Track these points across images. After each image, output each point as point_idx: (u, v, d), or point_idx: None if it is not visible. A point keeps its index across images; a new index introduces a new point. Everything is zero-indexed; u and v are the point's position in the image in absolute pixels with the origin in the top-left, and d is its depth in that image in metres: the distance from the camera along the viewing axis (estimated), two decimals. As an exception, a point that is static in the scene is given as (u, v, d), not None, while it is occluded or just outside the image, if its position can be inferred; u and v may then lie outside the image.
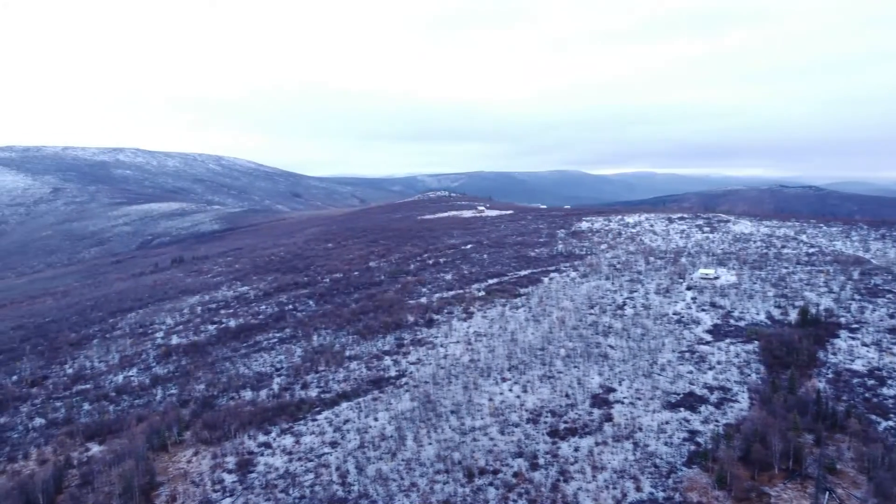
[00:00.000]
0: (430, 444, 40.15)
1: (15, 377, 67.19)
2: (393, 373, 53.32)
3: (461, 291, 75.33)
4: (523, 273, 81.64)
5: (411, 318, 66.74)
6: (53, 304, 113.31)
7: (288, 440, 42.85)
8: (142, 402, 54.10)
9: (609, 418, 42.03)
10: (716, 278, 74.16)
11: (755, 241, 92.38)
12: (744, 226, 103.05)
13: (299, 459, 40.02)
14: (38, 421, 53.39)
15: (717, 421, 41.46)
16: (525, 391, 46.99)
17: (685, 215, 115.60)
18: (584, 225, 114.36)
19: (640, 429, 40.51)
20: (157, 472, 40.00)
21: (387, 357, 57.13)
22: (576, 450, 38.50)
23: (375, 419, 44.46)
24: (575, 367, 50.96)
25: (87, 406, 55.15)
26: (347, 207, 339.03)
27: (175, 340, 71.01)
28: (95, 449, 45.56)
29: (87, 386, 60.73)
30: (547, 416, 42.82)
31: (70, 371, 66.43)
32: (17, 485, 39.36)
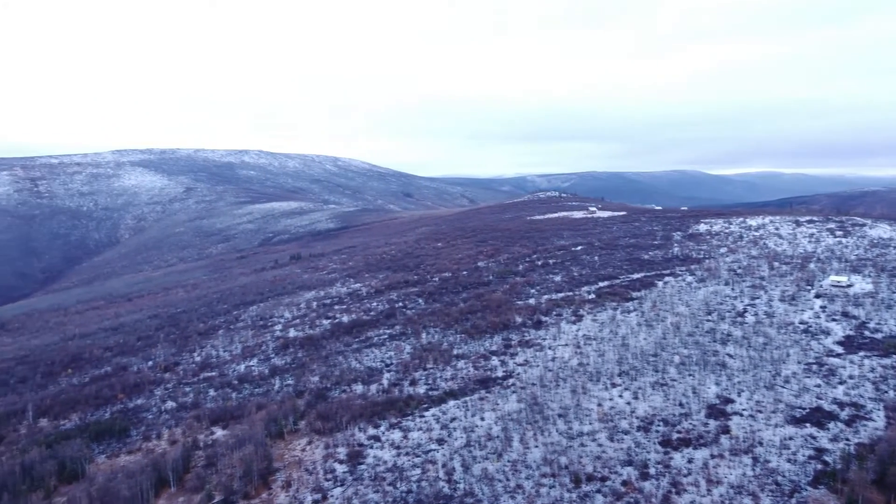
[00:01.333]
0: (537, 446, 39.75)
1: (150, 363, 72.66)
2: (500, 373, 53.25)
3: (570, 293, 74.13)
4: (636, 276, 79.22)
5: (519, 319, 66.41)
6: (185, 295, 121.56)
7: (396, 435, 43.73)
8: (261, 391, 56.89)
9: (726, 430, 39.95)
10: (849, 286, 68.71)
11: (895, 247, 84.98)
12: (882, 230, 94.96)
13: (407, 454, 40.75)
14: (170, 404, 57.32)
15: (847, 440, 38.38)
16: (636, 398, 45.54)
17: (815, 218, 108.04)
18: (702, 227, 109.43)
19: (761, 443, 38.21)
20: (275, 458, 41.94)
21: (494, 357, 57.14)
22: (689, 461, 36.87)
23: (482, 419, 44.55)
24: (690, 375, 48.85)
25: (212, 392, 58.64)
26: (457, 207, 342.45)
27: (292, 333, 74.24)
28: (219, 433, 48.39)
29: (213, 373, 64.58)
30: (659, 425, 41.31)
31: (198, 359, 70.93)
32: (151, 462, 42.53)
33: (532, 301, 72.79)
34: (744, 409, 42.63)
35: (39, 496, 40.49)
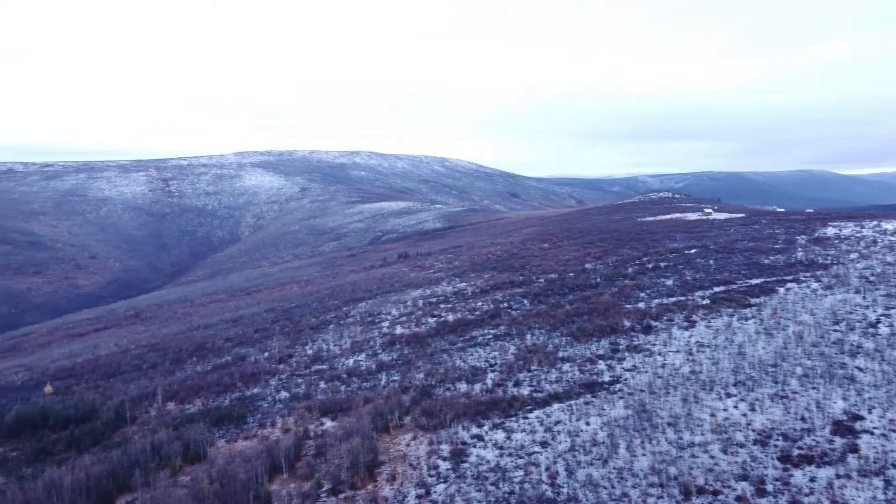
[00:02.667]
0: (644, 455, 38.48)
1: (266, 354, 76.36)
2: (606, 378, 51.98)
3: (683, 298, 71.27)
4: (755, 282, 75.10)
5: (627, 323, 64.57)
6: (298, 291, 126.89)
7: (499, 435, 43.63)
8: (368, 386, 58.39)
9: (854, 449, 37.05)
10: None
11: None
12: None
13: (510, 455, 40.57)
14: (283, 394, 59.96)
15: None
16: (753, 410, 43.12)
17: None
18: (830, 231, 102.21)
19: (895, 465, 35.22)
20: (380, 451, 42.92)
21: (600, 361, 55.85)
22: (811, 480, 34.49)
23: (587, 423, 43.65)
24: (813, 388, 45.72)
25: (322, 384, 60.80)
26: (564, 208, 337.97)
27: (399, 330, 75.75)
28: (328, 424, 50.08)
29: (324, 366, 66.96)
30: (778, 440, 38.92)
31: (310, 352, 73.79)
32: (265, 448, 44.65)
33: (641, 305, 70.61)
34: (875, 428, 39.43)
35: (166, 474, 43.45)
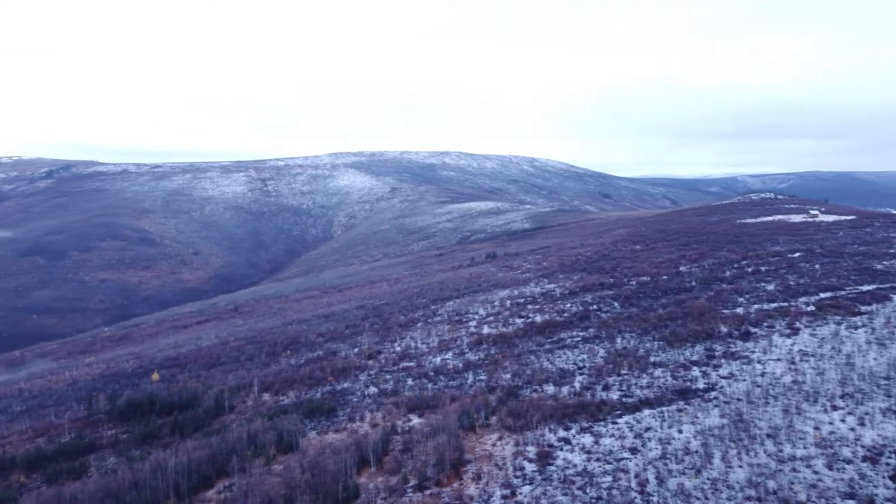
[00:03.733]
0: (741, 466, 36.78)
1: (356, 350, 78.12)
2: (701, 385, 50.05)
3: (785, 304, 67.68)
4: (866, 288, 70.37)
5: (724, 329, 61.93)
6: (388, 289, 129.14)
7: (587, 439, 42.84)
8: (455, 384, 58.67)
9: (979, 472, 34.12)
10: None
11: None
12: None
13: (597, 460, 39.76)
14: (372, 389, 61.14)
15: None
16: (862, 424, 40.41)
17: None
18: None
19: None
20: (466, 450, 43.02)
21: (695, 367, 53.82)
22: (929, 503, 31.97)
23: (679, 431, 42.16)
24: (932, 404, 42.40)
25: (410, 381, 61.58)
26: (658, 209, 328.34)
27: (486, 330, 75.74)
28: (415, 420, 50.67)
29: (411, 364, 67.83)
30: (890, 457, 36.30)
31: (398, 349, 74.93)
32: (354, 442, 45.68)
33: (740, 310, 67.60)
34: None
35: (261, 462, 45.22)
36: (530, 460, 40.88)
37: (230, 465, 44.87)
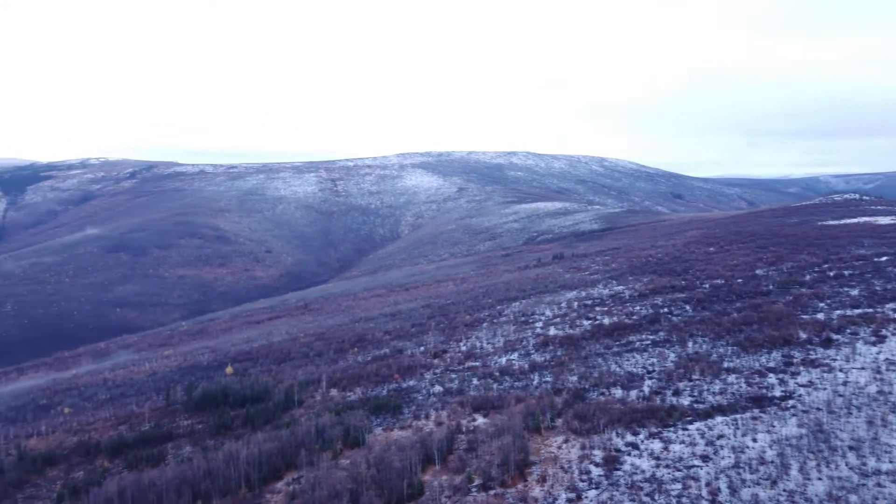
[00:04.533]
0: (820, 479, 35.13)
1: (422, 348, 78.64)
2: (777, 392, 48.06)
3: (870, 310, 64.25)
4: (960, 295, 66.12)
5: (803, 335, 59.28)
6: (454, 288, 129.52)
7: (656, 445, 41.80)
8: (520, 385, 58.29)
9: None
10: None
11: None
12: None
13: (667, 467, 38.73)
14: (437, 388, 61.40)
15: None
16: (956, 439, 38.01)
17: None
18: None
19: None
20: (531, 451, 42.67)
21: (771, 374, 51.73)
22: None
23: (754, 440, 40.61)
24: None
25: (475, 381, 61.55)
26: (733, 210, 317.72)
27: (552, 332, 74.96)
28: (480, 420, 50.60)
29: (477, 363, 67.78)
30: None
31: (464, 348, 75.01)
32: (419, 439, 45.98)
33: (820, 316, 64.62)
34: None
35: (328, 456, 46.09)
36: (597, 464, 40.19)
37: (299, 458, 45.91)
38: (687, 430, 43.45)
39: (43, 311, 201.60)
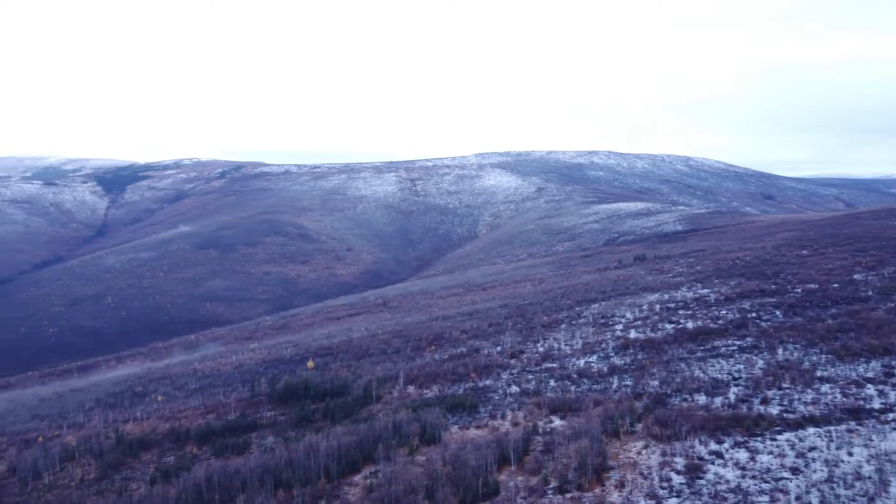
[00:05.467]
0: (925, 499, 32.82)
1: (499, 348, 78.43)
2: (877, 405, 45.22)
3: (983, 319, 59.60)
4: None
5: (906, 345, 55.55)
6: (531, 289, 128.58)
7: (742, 454, 40.12)
8: (599, 388, 57.24)
9: None
10: None
11: None
12: None
13: (753, 478, 37.11)
14: (514, 388, 61.08)
15: None
16: None
17: None
18: None
19: None
20: (609, 456, 41.80)
21: (869, 385, 48.74)
22: None
23: (849, 454, 38.35)
24: None
25: (552, 382, 60.87)
26: (829, 212, 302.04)
27: (633, 334, 73.25)
28: (557, 422, 49.99)
29: (554, 365, 67.01)
30: None
31: (541, 349, 74.32)
32: (495, 439, 45.86)
33: (926, 324, 60.39)
34: None
35: (405, 452, 46.61)
36: (678, 472, 38.95)
37: (376, 452, 46.65)
38: (776, 440, 41.50)
39: (139, 304, 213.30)
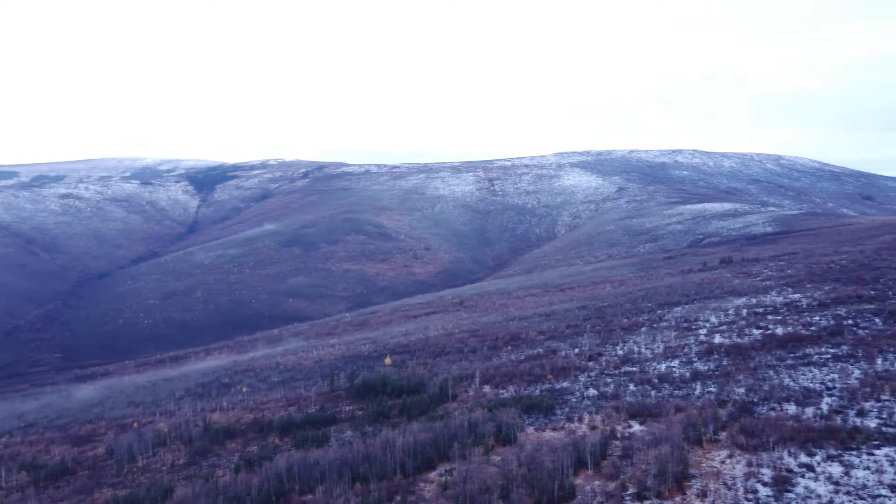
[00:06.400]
0: None
1: (576, 350, 77.29)
2: None
3: None
4: None
5: None
6: (611, 290, 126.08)
7: (835, 469, 38.01)
8: (680, 394, 55.54)
9: None
10: None
11: None
12: None
13: (847, 493, 35.09)
14: (592, 391, 60.06)
15: None
16: None
17: None
18: None
19: None
20: (691, 464, 40.49)
21: (981, 400, 45.23)
22: None
23: (957, 473, 35.69)
24: None
25: (631, 387, 59.48)
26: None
27: (717, 339, 70.69)
28: (636, 427, 48.80)
29: (634, 369, 65.46)
30: None
31: (620, 352, 72.76)
32: (572, 442, 45.22)
33: None
34: None
35: (480, 451, 46.58)
36: (765, 484, 37.27)
37: (451, 450, 46.83)
38: (873, 455, 39.08)
39: (227, 299, 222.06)
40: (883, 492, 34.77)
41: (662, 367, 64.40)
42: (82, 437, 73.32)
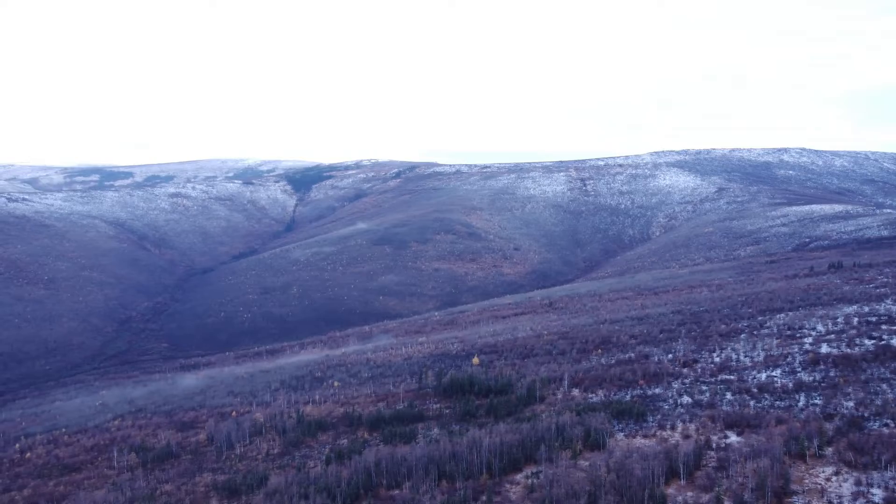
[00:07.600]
0: None
1: (670, 355, 74.75)
2: None
3: None
4: None
5: None
6: (708, 294, 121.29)
7: (958, 493, 34.98)
8: (782, 405, 52.72)
9: None
10: None
11: None
12: None
13: (973, 522, 32.20)
14: (686, 399, 57.95)
15: None
16: None
17: None
18: None
19: None
20: (792, 479, 38.33)
21: None
22: None
23: None
24: None
25: (728, 396, 57.00)
26: None
27: (824, 349, 66.61)
28: (733, 438, 46.71)
29: (731, 377, 62.71)
30: None
31: (717, 360, 69.84)
32: (664, 450, 43.77)
33: None
34: None
35: (567, 455, 45.89)
36: (876, 505, 34.78)
37: (538, 452, 46.35)
38: None
39: (320, 295, 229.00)
40: None
41: (763, 376, 61.33)
42: (186, 423, 77.48)
